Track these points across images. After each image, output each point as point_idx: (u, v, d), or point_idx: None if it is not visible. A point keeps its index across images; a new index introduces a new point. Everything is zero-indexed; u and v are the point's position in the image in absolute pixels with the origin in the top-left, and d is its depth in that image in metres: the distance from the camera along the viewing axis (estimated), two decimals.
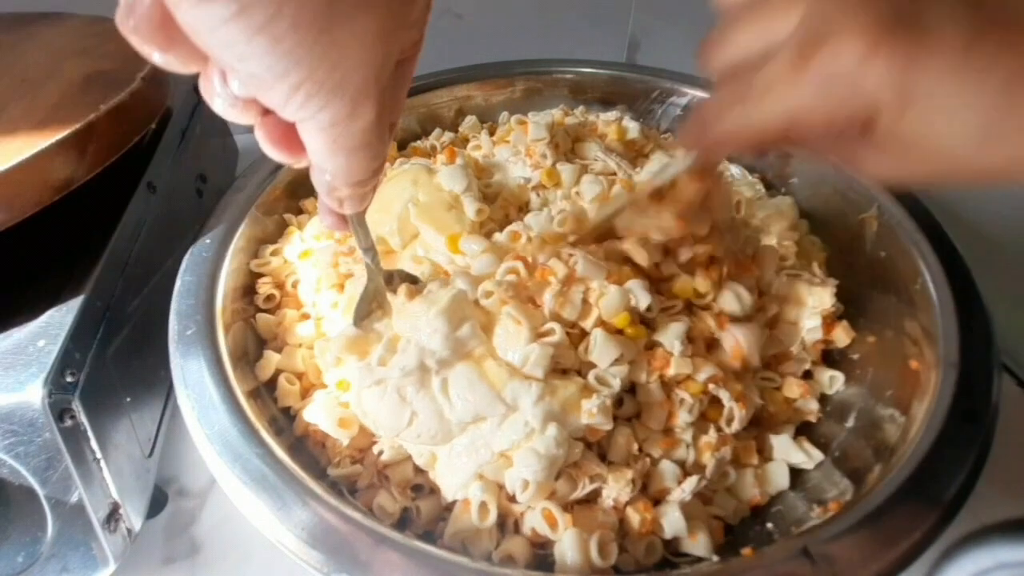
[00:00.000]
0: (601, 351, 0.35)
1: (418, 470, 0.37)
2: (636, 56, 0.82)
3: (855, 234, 0.46)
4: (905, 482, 0.31)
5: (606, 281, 0.37)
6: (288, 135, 0.26)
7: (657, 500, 0.35)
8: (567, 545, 0.32)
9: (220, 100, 0.24)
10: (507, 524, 0.35)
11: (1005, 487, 0.35)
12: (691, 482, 0.35)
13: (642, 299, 0.36)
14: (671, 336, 0.37)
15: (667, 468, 0.36)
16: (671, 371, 0.36)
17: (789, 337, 0.42)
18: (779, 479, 0.38)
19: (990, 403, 0.34)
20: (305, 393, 0.40)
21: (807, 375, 0.42)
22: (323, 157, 0.26)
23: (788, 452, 0.38)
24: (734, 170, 0.54)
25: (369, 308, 0.38)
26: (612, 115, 0.56)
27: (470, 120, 0.57)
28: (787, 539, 0.32)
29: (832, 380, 0.41)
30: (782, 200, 0.49)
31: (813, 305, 0.42)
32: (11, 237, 0.34)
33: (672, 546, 0.35)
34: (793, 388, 0.40)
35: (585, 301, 0.37)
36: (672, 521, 0.34)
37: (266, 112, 0.25)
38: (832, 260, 0.46)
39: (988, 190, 0.61)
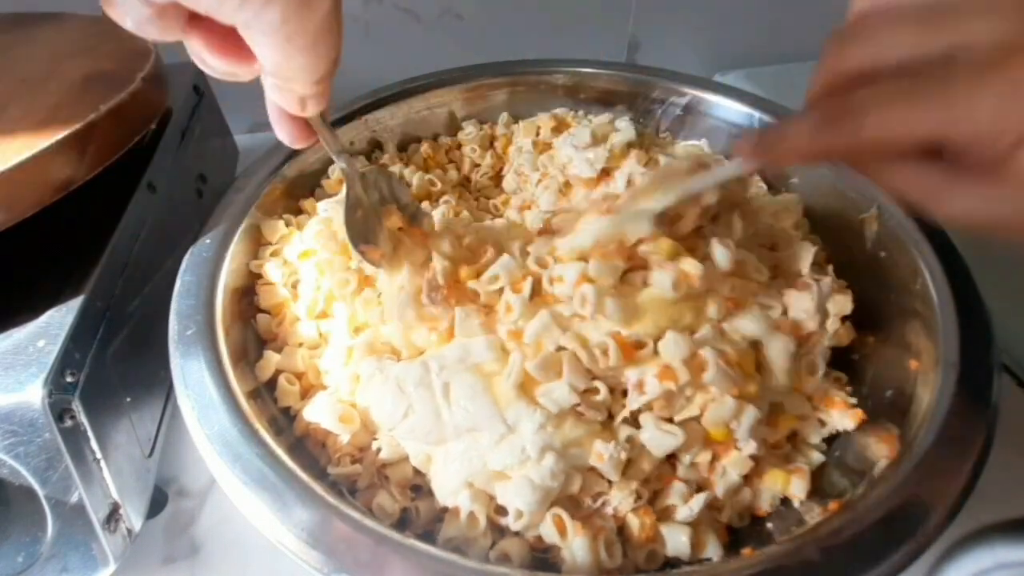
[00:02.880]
0: (656, 441, 0.34)
1: (417, 470, 0.37)
2: (636, 56, 0.82)
3: (855, 234, 0.46)
4: (905, 482, 0.31)
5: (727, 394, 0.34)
6: (229, 41, 0.21)
7: (660, 517, 0.35)
8: (577, 549, 0.32)
9: (131, 14, 0.20)
10: (506, 527, 0.35)
11: (1005, 487, 0.34)
12: (699, 500, 0.34)
13: (743, 431, 0.34)
14: (744, 430, 0.34)
15: (675, 487, 0.35)
16: (727, 461, 0.35)
17: (821, 351, 0.41)
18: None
19: (990, 403, 0.34)
20: (305, 393, 0.40)
21: None
22: (277, 62, 0.22)
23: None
24: None
25: (358, 219, 0.36)
26: (606, 116, 0.56)
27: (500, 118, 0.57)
28: (787, 539, 0.32)
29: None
30: (788, 197, 0.49)
31: (835, 312, 0.41)
32: (11, 237, 0.34)
33: None
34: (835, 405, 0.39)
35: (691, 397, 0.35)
36: (676, 542, 0.33)
37: (193, 18, 0.21)
38: (832, 260, 0.46)
39: None
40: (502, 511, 0.34)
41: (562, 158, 0.51)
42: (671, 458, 0.36)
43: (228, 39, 0.21)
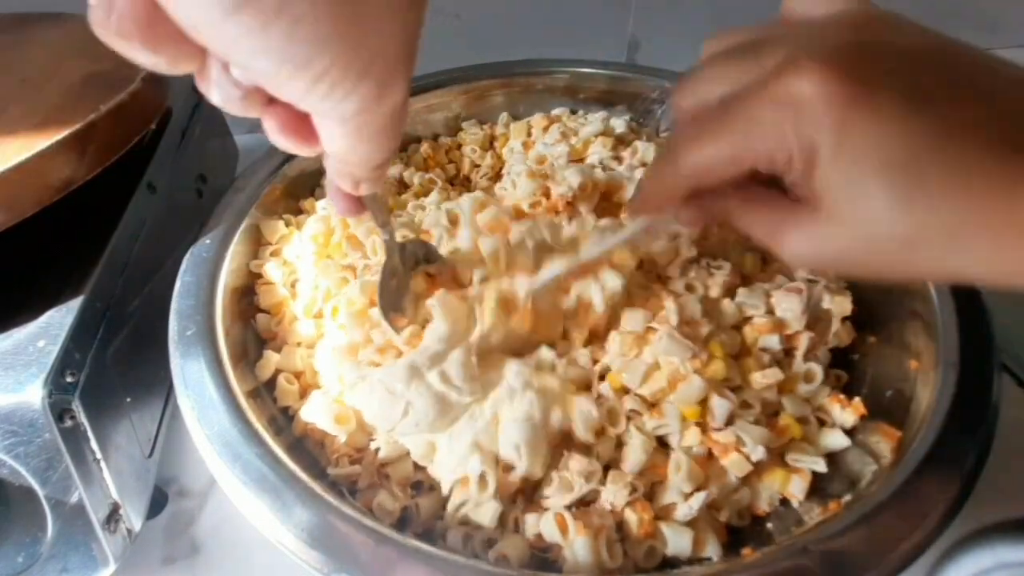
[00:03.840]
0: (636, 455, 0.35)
1: (417, 467, 0.37)
2: (636, 56, 0.82)
3: None
4: (905, 482, 0.31)
5: (689, 365, 0.35)
6: (302, 124, 0.23)
7: (660, 516, 0.35)
8: (579, 548, 0.32)
9: (220, 92, 0.22)
10: (507, 523, 0.35)
11: (1005, 487, 0.34)
12: (698, 499, 0.34)
13: (719, 414, 0.35)
14: (752, 442, 0.35)
15: (674, 482, 0.35)
16: (726, 460, 0.35)
17: (822, 356, 0.41)
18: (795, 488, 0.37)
19: (990, 403, 0.34)
20: (304, 393, 0.40)
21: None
22: (342, 147, 0.24)
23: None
24: None
25: (391, 287, 0.38)
26: (601, 115, 0.56)
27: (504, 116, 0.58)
28: (787, 539, 0.32)
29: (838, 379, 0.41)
30: None
31: (835, 313, 0.41)
32: (11, 237, 0.34)
33: None
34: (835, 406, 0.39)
35: (656, 366, 0.36)
36: (677, 543, 0.33)
37: (273, 100, 0.22)
38: None
39: None
40: (509, 470, 0.35)
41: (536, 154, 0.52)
42: (665, 447, 0.36)
43: (302, 121, 0.23)
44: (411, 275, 0.39)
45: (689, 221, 0.29)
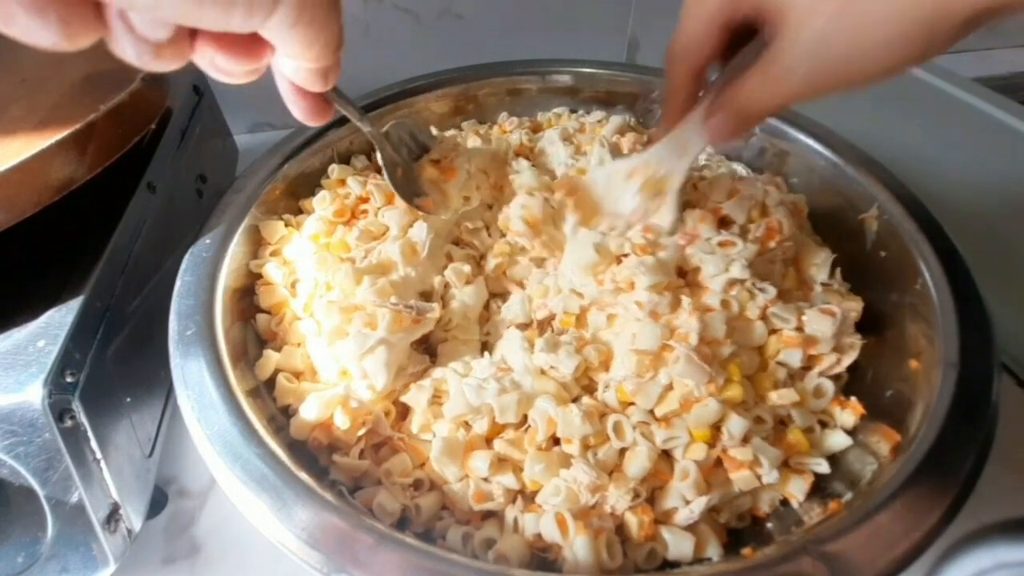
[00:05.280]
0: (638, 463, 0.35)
1: (417, 465, 0.37)
2: (636, 56, 0.82)
3: (855, 234, 0.46)
4: (905, 482, 0.31)
5: (705, 389, 0.35)
6: (235, 44, 0.23)
7: (661, 520, 0.35)
8: (579, 548, 0.32)
9: (133, 49, 0.21)
10: (506, 522, 0.35)
11: (1005, 487, 0.34)
12: (699, 503, 0.34)
13: (736, 433, 0.35)
14: (768, 465, 0.34)
15: (677, 489, 0.35)
16: (735, 475, 0.35)
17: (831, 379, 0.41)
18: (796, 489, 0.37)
19: (990, 403, 0.34)
20: (304, 392, 0.40)
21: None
22: (301, 50, 0.24)
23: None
24: (740, 169, 0.54)
25: (400, 178, 0.39)
26: (599, 115, 0.56)
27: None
28: (787, 539, 0.32)
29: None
30: (797, 197, 0.48)
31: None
32: (11, 237, 0.34)
33: None
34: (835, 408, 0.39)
35: (669, 387, 0.36)
36: (678, 546, 0.33)
37: (194, 34, 0.22)
38: (832, 260, 0.46)
39: (989, 187, 0.61)
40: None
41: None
42: (668, 457, 0.36)
43: (235, 42, 0.23)
44: (414, 164, 0.40)
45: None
